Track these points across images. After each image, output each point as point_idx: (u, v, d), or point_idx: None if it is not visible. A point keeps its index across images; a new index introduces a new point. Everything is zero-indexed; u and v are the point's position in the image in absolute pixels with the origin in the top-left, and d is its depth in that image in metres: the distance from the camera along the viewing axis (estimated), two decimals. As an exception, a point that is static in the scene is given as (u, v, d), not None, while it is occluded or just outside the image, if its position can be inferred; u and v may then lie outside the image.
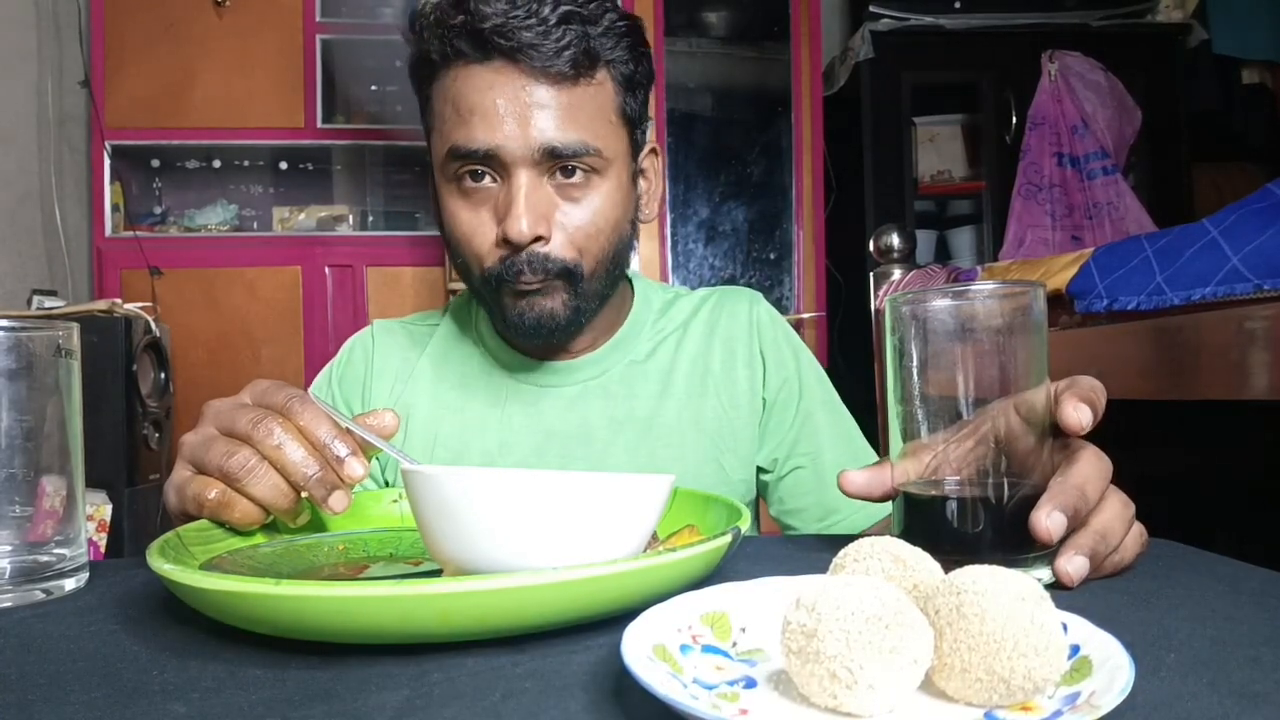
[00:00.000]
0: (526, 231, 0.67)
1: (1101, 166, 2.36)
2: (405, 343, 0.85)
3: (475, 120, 0.67)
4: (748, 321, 0.84)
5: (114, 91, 2.35)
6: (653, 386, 0.81)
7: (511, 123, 0.67)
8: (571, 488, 0.42)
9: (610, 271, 0.74)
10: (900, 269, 1.63)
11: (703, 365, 0.82)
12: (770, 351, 0.83)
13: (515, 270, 0.69)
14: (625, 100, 0.73)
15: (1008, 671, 0.28)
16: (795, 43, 2.48)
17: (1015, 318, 0.45)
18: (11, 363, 0.46)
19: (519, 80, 0.67)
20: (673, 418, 0.80)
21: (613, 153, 0.71)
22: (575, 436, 0.79)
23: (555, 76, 0.67)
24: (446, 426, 0.80)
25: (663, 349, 0.83)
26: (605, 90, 0.71)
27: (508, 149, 0.67)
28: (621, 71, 0.72)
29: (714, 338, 0.83)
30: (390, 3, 2.47)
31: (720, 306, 0.85)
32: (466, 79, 0.68)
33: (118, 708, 0.31)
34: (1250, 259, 0.92)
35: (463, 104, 0.68)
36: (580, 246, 0.71)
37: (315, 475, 0.49)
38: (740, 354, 0.83)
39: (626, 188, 0.74)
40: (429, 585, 0.34)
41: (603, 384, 0.81)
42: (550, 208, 0.69)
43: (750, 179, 2.53)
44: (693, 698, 0.28)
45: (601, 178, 0.71)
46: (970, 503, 0.44)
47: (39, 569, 0.47)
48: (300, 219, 2.50)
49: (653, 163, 0.81)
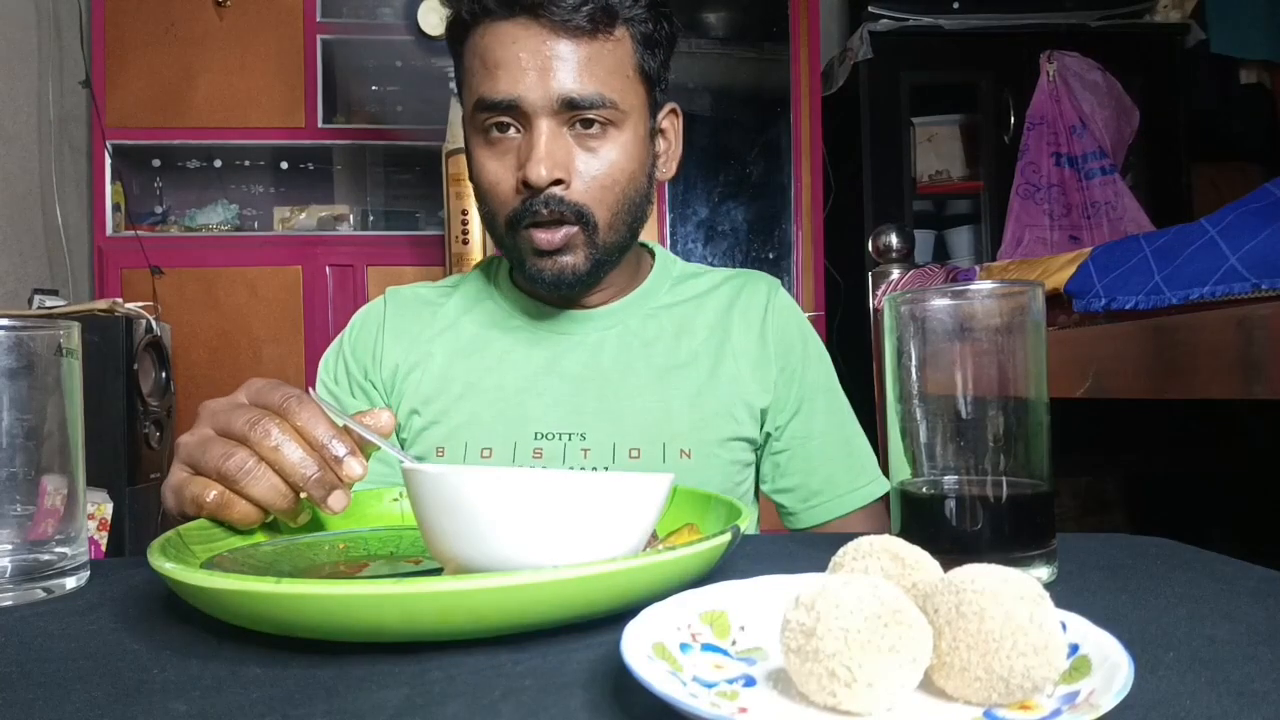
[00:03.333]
0: (545, 175, 0.71)
1: (1100, 166, 2.36)
2: (418, 303, 0.89)
3: (500, 73, 0.72)
4: (765, 302, 0.87)
5: (115, 91, 2.35)
6: (669, 337, 0.84)
7: (533, 74, 0.71)
8: (571, 487, 0.42)
9: (627, 224, 0.78)
10: (899, 269, 1.62)
11: (721, 332, 0.85)
12: (779, 333, 0.86)
13: (533, 209, 0.73)
14: (643, 57, 0.76)
15: (1007, 670, 0.28)
16: (794, 43, 2.48)
17: (1014, 317, 0.45)
18: (13, 362, 0.46)
19: (540, 35, 0.71)
20: (688, 368, 0.82)
21: (629, 106, 0.75)
22: (592, 379, 0.81)
23: (574, 31, 0.71)
24: (460, 367, 0.83)
25: (681, 308, 0.86)
26: (624, 46, 0.74)
27: (529, 99, 0.71)
28: (640, 30, 0.75)
29: (733, 310, 0.86)
30: (390, 3, 2.47)
31: (743, 285, 0.88)
32: (493, 35, 0.72)
33: (118, 706, 0.31)
34: (1248, 258, 0.92)
35: (489, 58, 0.72)
36: (596, 195, 0.74)
37: (314, 475, 0.49)
38: (754, 329, 0.85)
39: (643, 142, 0.78)
40: (429, 584, 0.34)
41: (619, 333, 0.84)
42: (568, 155, 0.73)
43: (749, 179, 2.53)
44: (692, 696, 0.28)
45: (618, 130, 0.75)
46: (969, 501, 0.44)
47: (40, 567, 0.47)
48: (301, 219, 2.49)
49: (673, 122, 0.84)
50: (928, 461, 0.46)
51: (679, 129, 0.85)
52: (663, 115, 0.82)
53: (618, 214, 0.76)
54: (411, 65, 2.47)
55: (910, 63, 2.50)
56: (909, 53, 2.49)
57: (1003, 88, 2.49)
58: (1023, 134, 2.41)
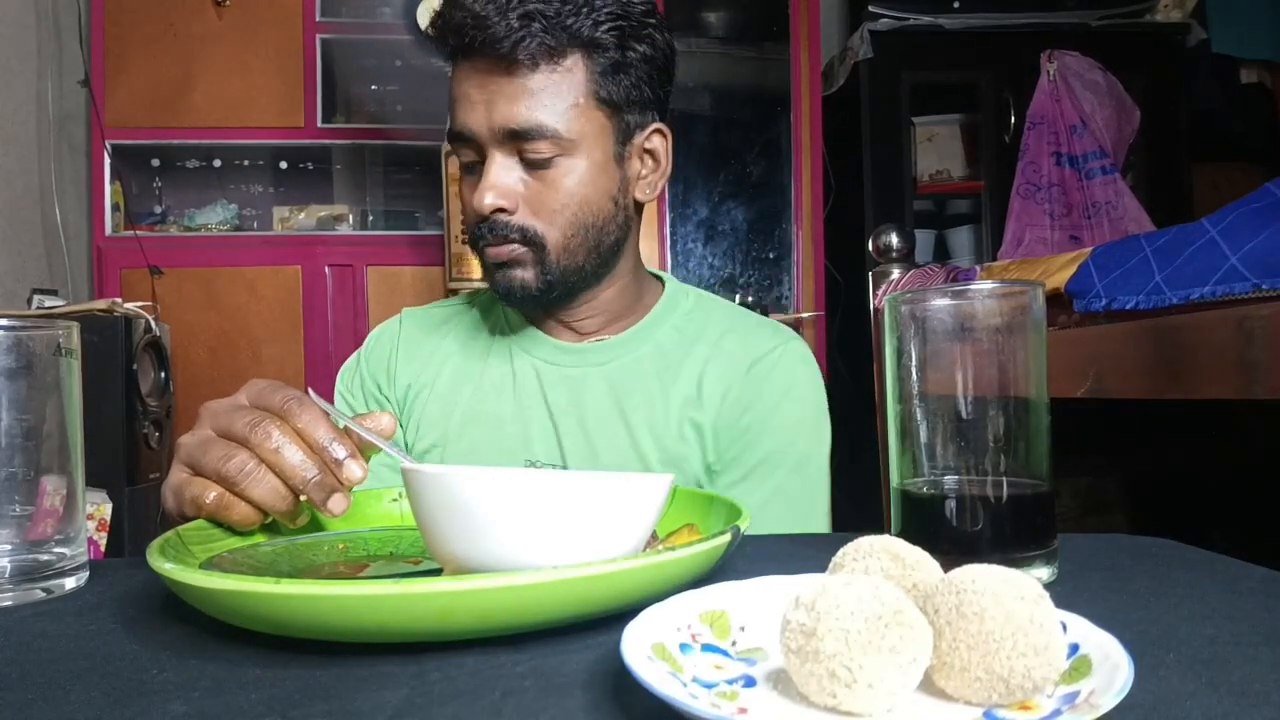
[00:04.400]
0: (488, 204, 0.74)
1: (1100, 166, 2.35)
2: (431, 325, 0.91)
3: (458, 108, 0.76)
4: (746, 357, 0.83)
5: (114, 91, 2.35)
6: (651, 380, 0.82)
7: (480, 108, 0.74)
8: (571, 487, 0.42)
9: (585, 248, 0.78)
10: (899, 268, 1.62)
11: (695, 385, 0.82)
12: (748, 391, 0.81)
13: (479, 235, 0.77)
14: (600, 84, 0.76)
15: (1007, 670, 0.28)
16: (794, 42, 2.48)
17: (1014, 317, 0.45)
18: (12, 362, 0.46)
19: (485, 71, 0.74)
20: (663, 416, 0.81)
21: (579, 134, 0.75)
22: (572, 416, 0.82)
23: (514, 66, 0.73)
24: (464, 391, 0.85)
25: (673, 354, 0.84)
26: (574, 76, 0.75)
27: (477, 131, 0.75)
28: (601, 59, 0.75)
29: (711, 361, 0.83)
30: (390, 2, 2.47)
31: (742, 336, 0.85)
32: (458, 73, 0.77)
33: (117, 706, 0.31)
34: (1249, 258, 0.92)
35: (455, 94, 0.77)
36: (545, 218, 0.76)
37: (314, 478, 0.49)
38: (720, 386, 0.82)
39: (603, 167, 0.78)
40: (429, 584, 0.34)
41: (607, 372, 0.83)
42: (516, 183, 0.76)
43: (749, 178, 2.53)
44: (692, 696, 0.28)
45: (569, 158, 0.76)
46: (970, 502, 0.44)
47: (39, 568, 0.47)
48: (300, 218, 2.49)
49: (660, 143, 0.83)
50: (928, 461, 0.46)
51: (668, 149, 0.83)
52: (645, 135, 0.81)
53: (572, 237, 0.77)
54: (411, 65, 2.47)
55: (911, 62, 2.50)
56: (909, 52, 2.49)
57: (1003, 87, 2.49)
58: (1023, 133, 2.41)
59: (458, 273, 2.07)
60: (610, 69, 0.76)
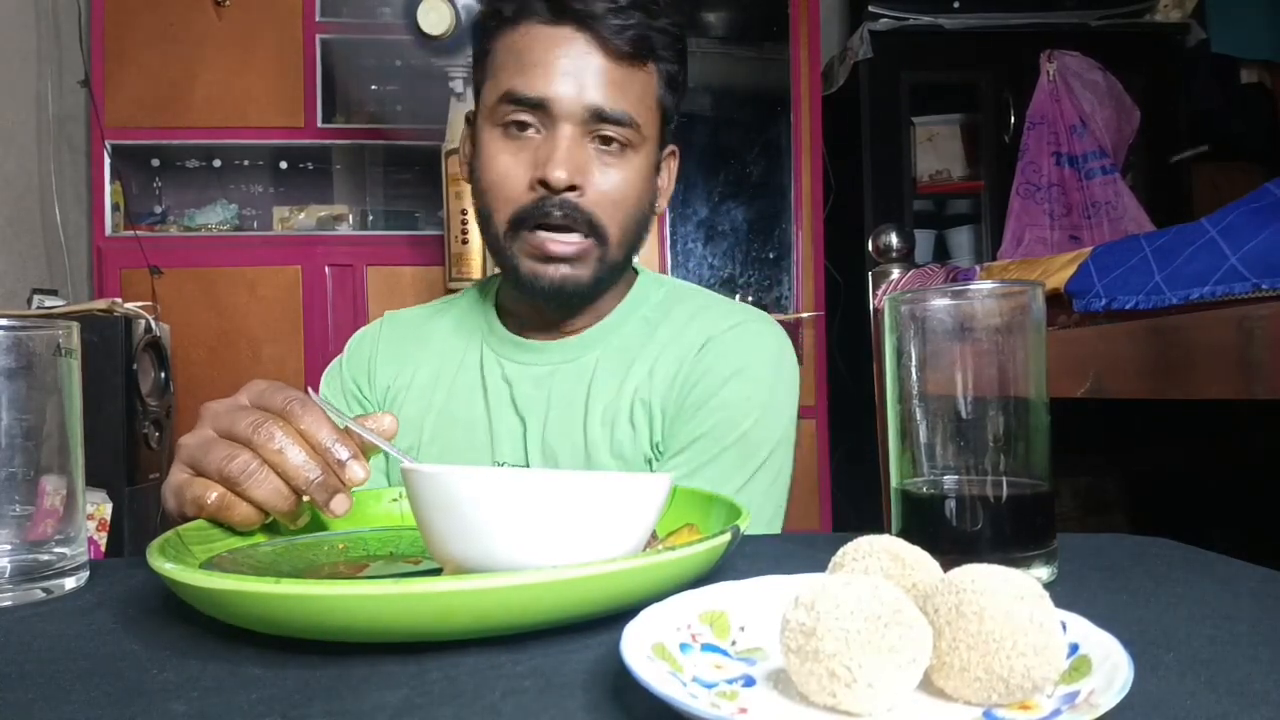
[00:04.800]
0: (564, 177, 0.73)
1: (1100, 166, 2.35)
2: (410, 327, 0.91)
3: (537, 71, 0.74)
4: (701, 335, 0.81)
5: (114, 91, 2.35)
6: (609, 378, 0.81)
7: (569, 80, 0.73)
8: (571, 487, 0.42)
9: (628, 245, 0.80)
10: (899, 268, 1.62)
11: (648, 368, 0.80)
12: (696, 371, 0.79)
13: (546, 210, 0.74)
14: (664, 94, 0.80)
15: (1006, 670, 0.28)
16: (794, 43, 2.47)
17: (1014, 317, 0.45)
18: (11, 362, 0.46)
19: (583, 45, 0.74)
20: (616, 411, 0.79)
21: (648, 134, 0.78)
22: (538, 415, 0.81)
23: (614, 51, 0.74)
24: (440, 394, 0.85)
25: (636, 343, 0.82)
26: (651, 78, 0.78)
27: (560, 102, 0.73)
28: (667, 69, 0.80)
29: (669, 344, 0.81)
30: (390, 2, 2.47)
31: (704, 319, 0.82)
32: (534, 36, 0.75)
33: (118, 706, 0.31)
34: (1248, 258, 0.92)
35: (527, 56, 0.75)
36: (608, 209, 0.76)
37: (317, 479, 0.49)
38: (672, 366, 0.80)
39: (652, 170, 0.81)
40: (429, 584, 0.34)
41: (573, 369, 0.82)
42: (587, 163, 0.75)
43: (749, 178, 2.53)
44: (692, 696, 0.28)
45: (634, 152, 0.77)
46: (969, 501, 0.44)
47: (39, 568, 0.47)
48: (300, 218, 2.49)
49: (669, 164, 0.87)
50: (928, 461, 0.46)
51: (674, 170, 0.87)
52: (664, 154, 0.85)
53: (625, 232, 0.78)
54: (411, 65, 2.47)
55: (910, 62, 2.49)
56: (909, 52, 2.49)
57: (1003, 87, 2.48)
58: (1023, 133, 2.41)
59: (458, 273, 2.07)
60: (668, 80, 0.80)
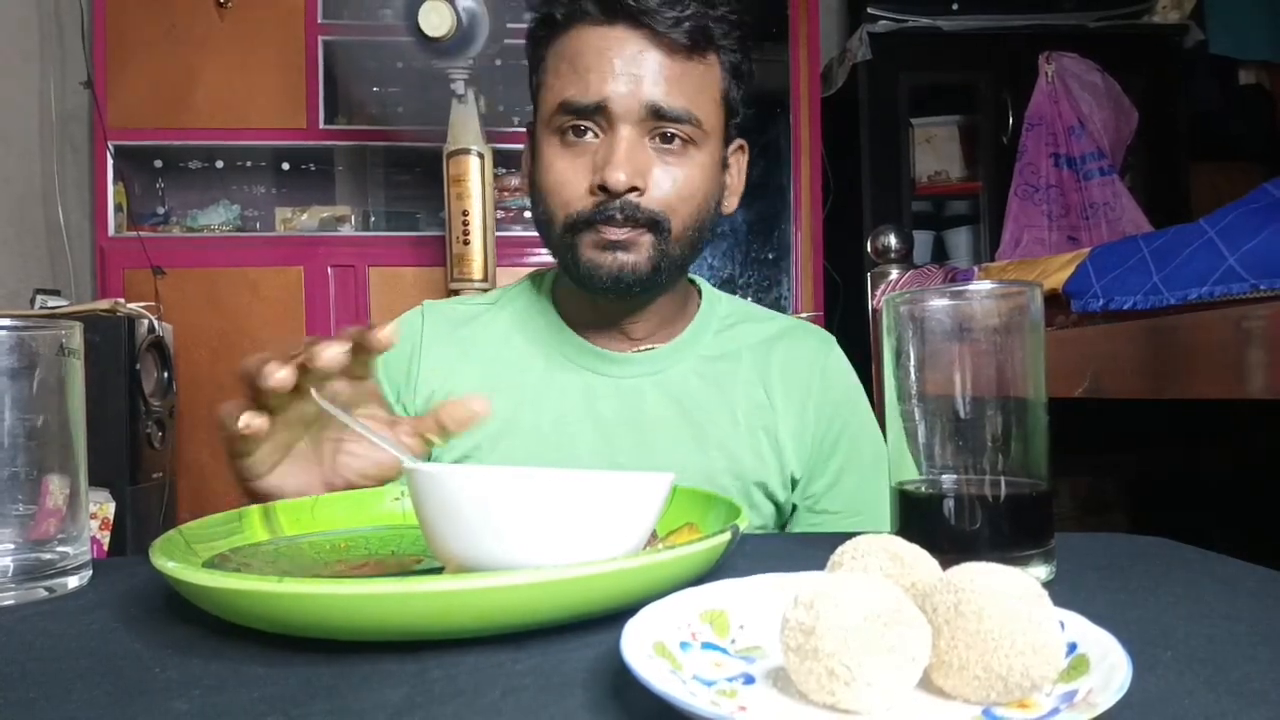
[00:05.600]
0: (624, 180, 0.71)
1: (1098, 167, 2.35)
2: (455, 321, 0.86)
3: (591, 76, 0.72)
4: (810, 366, 0.84)
5: (116, 92, 2.35)
6: (710, 394, 0.81)
7: (624, 80, 0.71)
8: (572, 486, 0.42)
9: (694, 241, 0.77)
10: (898, 269, 1.63)
11: (763, 395, 0.82)
12: (823, 403, 0.83)
13: (607, 215, 0.72)
14: (728, 86, 0.77)
15: (1005, 669, 0.28)
16: (793, 44, 2.48)
17: (1012, 317, 0.45)
18: (15, 362, 0.46)
19: (636, 43, 0.72)
20: (728, 431, 0.80)
21: (710, 128, 0.75)
22: (628, 428, 0.79)
23: (670, 45, 0.72)
24: (500, 401, 0.79)
25: (723, 363, 0.83)
26: (713, 71, 0.75)
27: (616, 103, 0.72)
28: (730, 59, 0.77)
29: (777, 372, 0.83)
30: (392, 4, 2.47)
31: (791, 345, 0.85)
32: (586, 38, 0.73)
33: (120, 705, 0.31)
34: (1246, 259, 0.92)
35: (580, 61, 0.73)
36: (672, 204, 0.74)
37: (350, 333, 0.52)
38: (796, 395, 0.82)
39: (717, 167, 0.78)
40: (429, 583, 0.34)
41: (658, 381, 0.81)
42: (647, 164, 0.73)
43: (748, 179, 2.53)
44: (691, 694, 0.28)
45: (697, 149, 0.75)
46: (968, 501, 0.45)
47: (42, 567, 0.47)
48: (302, 219, 2.49)
49: (738, 159, 0.84)
50: (927, 461, 0.46)
51: (743, 166, 0.85)
52: (731, 149, 0.82)
53: (690, 227, 0.76)
54: (413, 67, 2.47)
55: (909, 64, 2.49)
56: (908, 54, 2.49)
57: (1001, 89, 2.48)
58: (1021, 135, 2.41)
59: (459, 273, 2.07)
60: (734, 71, 0.77)
